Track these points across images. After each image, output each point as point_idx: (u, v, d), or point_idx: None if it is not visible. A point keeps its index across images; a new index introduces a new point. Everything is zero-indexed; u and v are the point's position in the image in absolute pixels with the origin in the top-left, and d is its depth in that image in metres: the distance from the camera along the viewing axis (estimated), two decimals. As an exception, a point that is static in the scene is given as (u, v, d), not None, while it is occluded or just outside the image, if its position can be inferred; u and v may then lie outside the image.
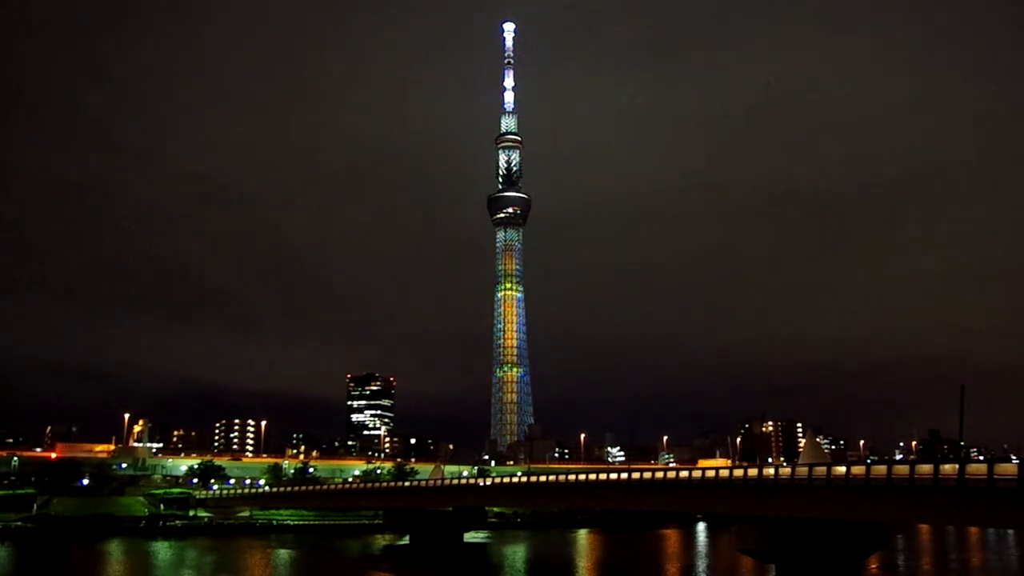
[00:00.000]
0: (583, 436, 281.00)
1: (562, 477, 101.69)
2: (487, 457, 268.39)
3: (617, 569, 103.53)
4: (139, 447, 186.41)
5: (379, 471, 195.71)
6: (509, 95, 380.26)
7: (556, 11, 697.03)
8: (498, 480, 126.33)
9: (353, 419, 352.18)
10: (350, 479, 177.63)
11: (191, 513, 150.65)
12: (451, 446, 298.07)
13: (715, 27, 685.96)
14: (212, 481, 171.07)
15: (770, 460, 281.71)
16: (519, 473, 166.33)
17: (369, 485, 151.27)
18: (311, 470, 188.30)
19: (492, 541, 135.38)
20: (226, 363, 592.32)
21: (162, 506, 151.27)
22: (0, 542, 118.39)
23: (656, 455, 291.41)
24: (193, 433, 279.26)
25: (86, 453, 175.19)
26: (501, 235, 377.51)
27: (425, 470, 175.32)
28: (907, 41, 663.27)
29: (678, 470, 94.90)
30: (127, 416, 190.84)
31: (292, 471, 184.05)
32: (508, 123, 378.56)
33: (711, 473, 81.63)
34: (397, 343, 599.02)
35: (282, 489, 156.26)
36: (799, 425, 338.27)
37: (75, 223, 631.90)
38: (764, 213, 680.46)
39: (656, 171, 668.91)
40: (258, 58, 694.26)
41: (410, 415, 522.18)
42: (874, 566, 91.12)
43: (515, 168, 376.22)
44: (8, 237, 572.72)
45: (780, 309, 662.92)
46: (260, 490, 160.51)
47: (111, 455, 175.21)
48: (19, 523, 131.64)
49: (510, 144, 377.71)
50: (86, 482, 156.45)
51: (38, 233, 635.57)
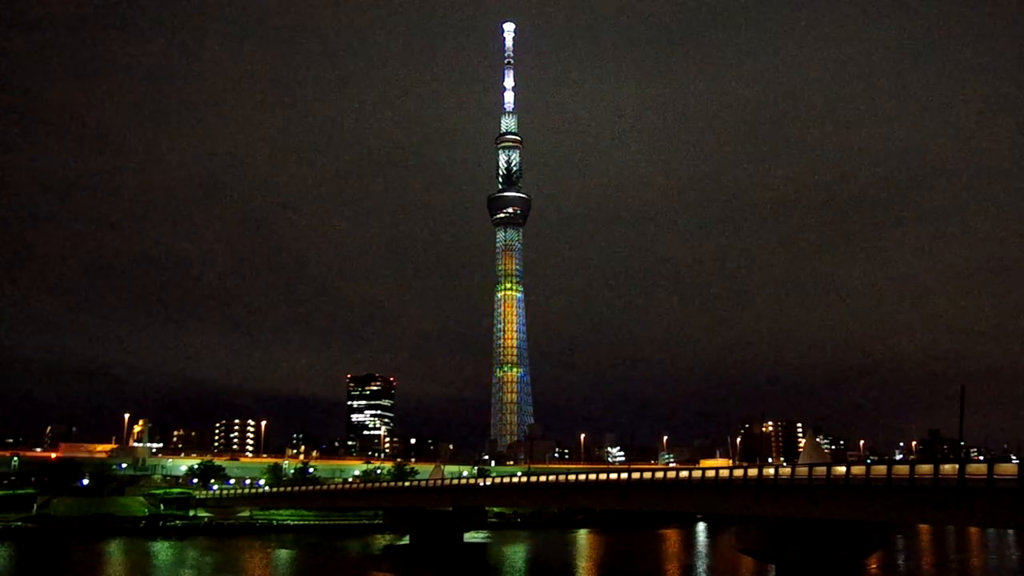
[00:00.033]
0: (583, 436, 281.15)
1: (562, 477, 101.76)
2: (487, 457, 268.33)
3: (617, 569, 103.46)
4: (139, 447, 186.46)
5: (379, 471, 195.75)
6: (509, 95, 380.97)
7: (556, 11, 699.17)
8: (498, 480, 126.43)
9: (353, 419, 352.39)
10: (350, 479, 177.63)
11: (191, 513, 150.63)
12: (451, 446, 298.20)
13: (715, 27, 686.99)
14: (212, 481, 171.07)
15: (770, 460, 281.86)
16: (519, 473, 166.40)
17: (369, 485, 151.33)
18: (311, 470, 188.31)
19: (492, 541, 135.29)
20: (226, 363, 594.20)
21: (162, 506, 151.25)
22: (0, 542, 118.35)
23: (656, 455, 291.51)
24: (193, 433, 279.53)
25: (86, 453, 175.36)
26: (501, 235, 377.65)
27: (425, 470, 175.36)
28: (907, 41, 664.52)
29: (678, 470, 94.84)
30: (127, 416, 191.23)
31: (292, 471, 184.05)
32: (508, 123, 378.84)
33: (711, 473, 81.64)
34: (397, 343, 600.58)
35: (282, 489, 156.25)
36: (799, 425, 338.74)
37: (75, 223, 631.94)
38: (764, 213, 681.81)
39: (656, 171, 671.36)
40: (258, 58, 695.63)
41: (410, 415, 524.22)
42: (874, 566, 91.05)
43: (515, 168, 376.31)
44: (8, 237, 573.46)
45: (780, 309, 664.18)
46: (260, 490, 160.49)
47: (109, 455, 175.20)
48: (19, 523, 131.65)
49: (510, 144, 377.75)
50: (86, 482, 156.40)
51: (38, 233, 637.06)
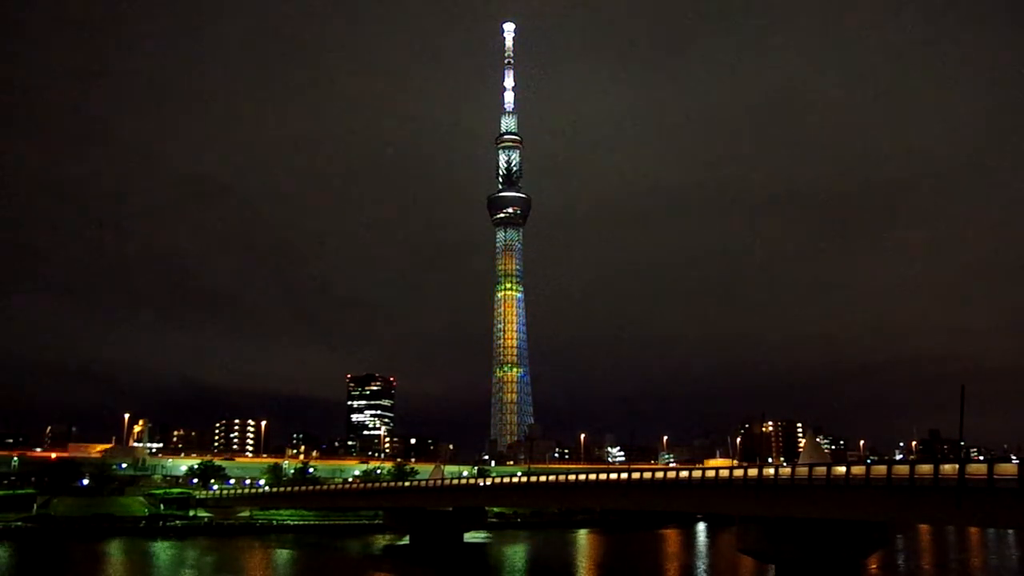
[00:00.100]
0: (583, 436, 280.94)
1: (562, 477, 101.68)
2: (487, 457, 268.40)
3: (617, 569, 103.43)
4: (138, 447, 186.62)
5: (379, 471, 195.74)
6: (509, 95, 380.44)
7: (556, 11, 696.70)
8: (498, 480, 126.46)
9: (353, 419, 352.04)
10: (350, 479, 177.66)
11: (191, 513, 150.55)
12: (451, 446, 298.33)
13: (715, 27, 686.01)
14: (212, 481, 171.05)
15: (770, 460, 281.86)
16: (519, 473, 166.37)
17: (369, 485, 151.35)
18: (311, 470, 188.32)
19: (492, 541, 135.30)
20: (226, 363, 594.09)
21: (162, 506, 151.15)
22: (0, 542, 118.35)
23: (656, 455, 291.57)
24: (193, 433, 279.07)
25: (87, 453, 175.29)
26: (501, 235, 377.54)
27: (425, 470, 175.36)
28: (907, 41, 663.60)
29: (678, 470, 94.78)
30: (127, 416, 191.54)
31: (292, 471, 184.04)
32: (508, 123, 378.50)
33: (711, 473, 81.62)
34: (397, 343, 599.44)
35: (282, 489, 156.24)
36: (799, 425, 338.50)
37: (75, 223, 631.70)
38: (764, 213, 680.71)
39: (656, 171, 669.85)
40: (258, 58, 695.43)
41: (410, 415, 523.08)
42: (874, 566, 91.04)
43: (515, 168, 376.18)
44: (8, 237, 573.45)
45: (780, 309, 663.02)
46: (260, 490, 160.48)
47: (104, 454, 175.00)
48: (19, 523, 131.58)
49: (510, 144, 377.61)
50: (86, 482, 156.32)
51: (38, 233, 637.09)
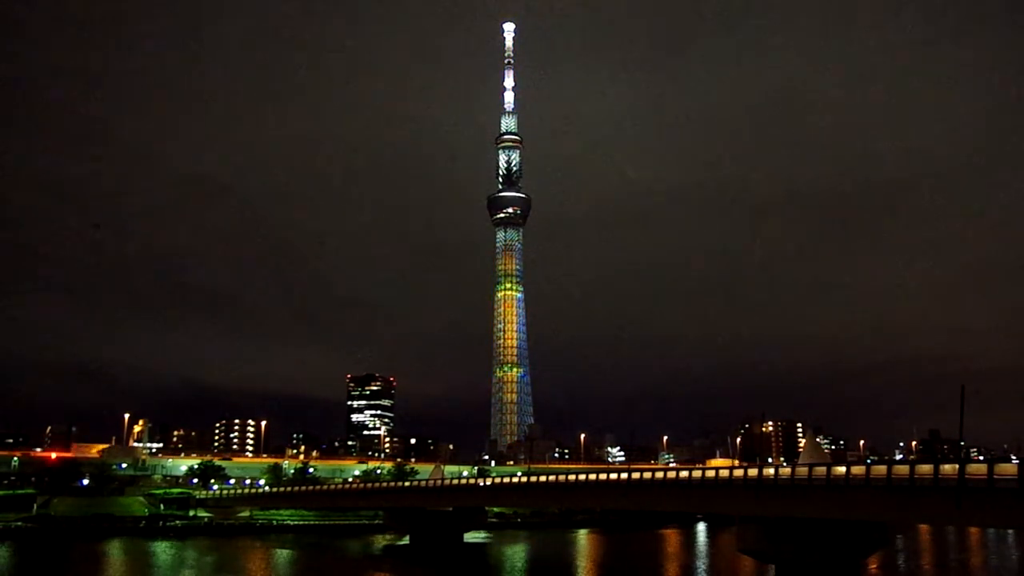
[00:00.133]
0: (583, 436, 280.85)
1: (562, 477, 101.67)
2: (487, 457, 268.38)
3: (617, 569, 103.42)
4: (138, 447, 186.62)
5: (379, 471, 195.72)
6: (509, 95, 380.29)
7: (556, 11, 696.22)
8: (498, 480, 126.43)
9: (353, 419, 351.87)
10: (350, 479, 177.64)
11: (191, 513, 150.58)
12: (451, 446, 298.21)
13: (715, 27, 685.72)
14: (212, 481, 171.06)
15: (770, 460, 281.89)
16: (519, 473, 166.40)
17: (369, 485, 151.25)
18: (311, 470, 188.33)
19: (492, 541, 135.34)
20: (226, 363, 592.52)
21: (162, 506, 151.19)
22: (0, 542, 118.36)
23: (656, 455, 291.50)
24: (193, 433, 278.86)
25: (87, 453, 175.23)
26: (501, 235, 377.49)
27: (425, 470, 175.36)
28: (908, 41, 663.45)
29: (678, 470, 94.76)
30: (127, 416, 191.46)
31: (292, 471, 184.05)
32: (508, 123, 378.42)
33: (711, 473, 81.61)
34: (397, 343, 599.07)
35: (282, 489, 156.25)
36: (799, 425, 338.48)
37: (75, 223, 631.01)
38: (764, 213, 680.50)
39: (656, 171, 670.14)
40: (257, 58, 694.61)
41: (410, 415, 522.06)
42: (874, 566, 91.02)
43: (515, 168, 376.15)
44: (8, 237, 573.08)
45: (780, 309, 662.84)
46: (260, 490, 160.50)
47: (104, 454, 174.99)
48: (19, 523, 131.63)
49: (510, 144, 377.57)
50: (86, 482, 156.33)
51: (38, 233, 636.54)
